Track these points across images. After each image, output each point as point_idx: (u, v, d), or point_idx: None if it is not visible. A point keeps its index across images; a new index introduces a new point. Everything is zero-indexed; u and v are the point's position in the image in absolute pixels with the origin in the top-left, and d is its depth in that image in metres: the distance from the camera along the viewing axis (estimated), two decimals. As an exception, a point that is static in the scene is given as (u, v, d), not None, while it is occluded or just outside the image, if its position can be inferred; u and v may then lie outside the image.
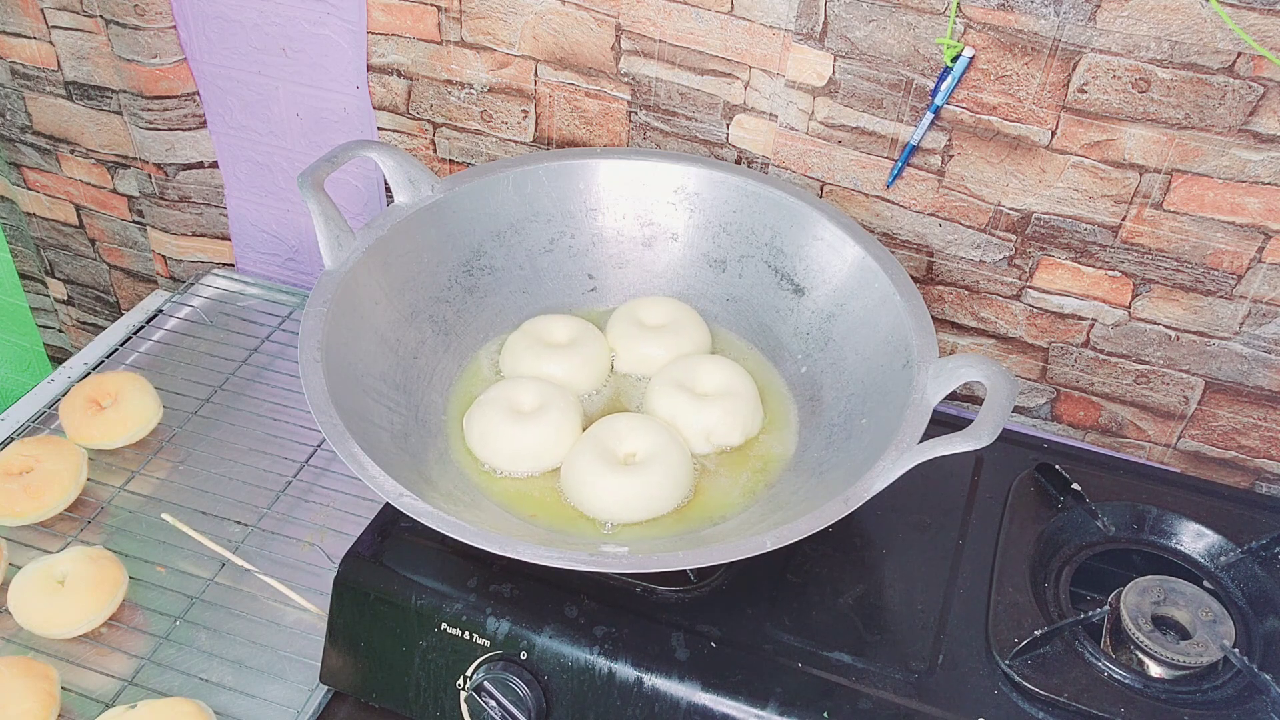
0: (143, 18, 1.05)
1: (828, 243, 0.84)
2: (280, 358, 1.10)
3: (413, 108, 1.04)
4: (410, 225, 0.85)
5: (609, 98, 0.97)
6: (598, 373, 0.86)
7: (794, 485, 0.77)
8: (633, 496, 0.75)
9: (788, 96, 0.90)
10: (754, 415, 0.82)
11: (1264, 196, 0.80)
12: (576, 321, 0.88)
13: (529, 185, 0.90)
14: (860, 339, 0.81)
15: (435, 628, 0.73)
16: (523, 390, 0.81)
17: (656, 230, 0.92)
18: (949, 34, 0.81)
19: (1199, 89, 0.76)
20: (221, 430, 1.02)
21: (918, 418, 0.69)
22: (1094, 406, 0.95)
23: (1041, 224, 0.87)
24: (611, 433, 0.78)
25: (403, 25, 0.99)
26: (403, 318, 0.83)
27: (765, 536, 0.63)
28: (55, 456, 0.92)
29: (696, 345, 0.87)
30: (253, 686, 0.80)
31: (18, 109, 1.22)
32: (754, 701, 0.67)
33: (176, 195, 1.19)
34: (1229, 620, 0.73)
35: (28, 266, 1.43)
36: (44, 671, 0.77)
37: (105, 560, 0.84)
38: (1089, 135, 0.81)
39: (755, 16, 0.87)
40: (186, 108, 1.12)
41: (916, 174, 0.89)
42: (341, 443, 0.68)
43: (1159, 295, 0.88)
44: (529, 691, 0.71)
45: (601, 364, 0.86)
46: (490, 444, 0.79)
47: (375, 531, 0.79)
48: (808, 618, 0.73)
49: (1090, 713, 0.68)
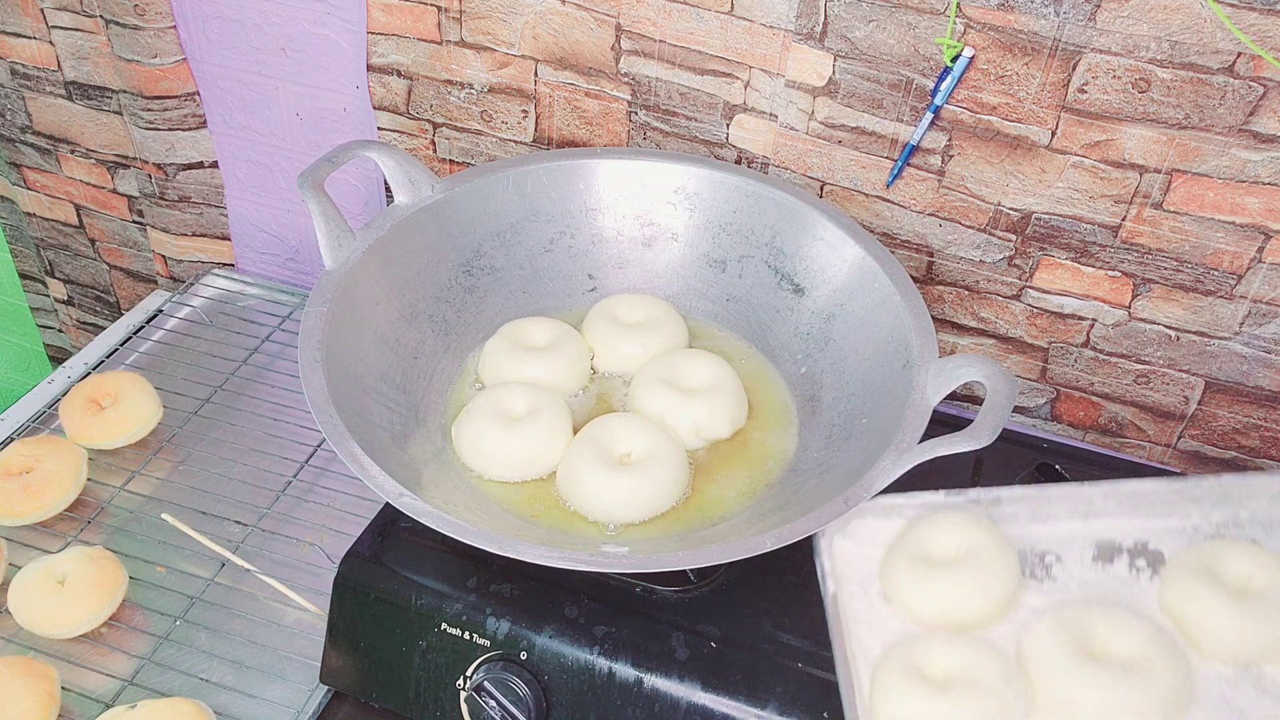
0: (143, 18, 1.05)
1: (828, 243, 0.85)
2: (280, 358, 1.10)
3: (413, 108, 1.05)
4: (410, 225, 0.85)
5: (609, 98, 0.97)
6: (580, 374, 0.86)
7: (794, 485, 0.77)
8: (634, 496, 0.75)
9: (788, 96, 0.90)
10: (740, 406, 0.83)
11: (1264, 196, 0.80)
12: (553, 323, 0.88)
13: (529, 185, 0.90)
14: (860, 339, 0.81)
15: (435, 628, 0.73)
16: (511, 396, 0.80)
17: (656, 230, 0.92)
18: (949, 34, 0.81)
19: (1199, 89, 0.76)
20: (221, 430, 1.02)
21: (918, 418, 0.69)
22: (1094, 406, 0.95)
23: (1041, 224, 0.87)
24: (606, 433, 0.78)
25: (403, 25, 0.99)
26: (403, 318, 0.83)
27: (765, 536, 0.63)
28: (55, 456, 0.92)
29: (675, 341, 0.87)
30: (253, 686, 0.80)
31: (18, 109, 1.22)
32: (754, 701, 0.67)
33: (176, 195, 1.19)
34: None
35: (28, 266, 1.43)
36: (44, 671, 0.77)
37: (105, 560, 0.84)
38: (1089, 135, 0.81)
39: (755, 16, 0.87)
40: (186, 108, 1.12)
41: (916, 174, 0.89)
42: (341, 443, 0.68)
43: (1159, 295, 0.88)
44: (529, 691, 0.71)
45: (583, 365, 0.86)
46: (483, 452, 0.78)
47: (375, 531, 0.79)
48: (808, 618, 0.73)
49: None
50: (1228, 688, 0.61)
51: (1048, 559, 0.68)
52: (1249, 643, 0.61)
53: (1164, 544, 0.68)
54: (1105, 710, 0.59)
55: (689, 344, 0.89)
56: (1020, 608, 0.65)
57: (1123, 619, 0.62)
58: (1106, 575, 0.67)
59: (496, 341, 0.86)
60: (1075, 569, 0.67)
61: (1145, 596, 0.65)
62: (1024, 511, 0.70)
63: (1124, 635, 0.62)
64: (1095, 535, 0.69)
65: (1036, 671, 0.61)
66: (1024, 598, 0.66)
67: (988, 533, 0.66)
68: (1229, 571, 0.64)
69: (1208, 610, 0.62)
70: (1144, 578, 0.67)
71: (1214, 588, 0.63)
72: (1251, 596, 0.62)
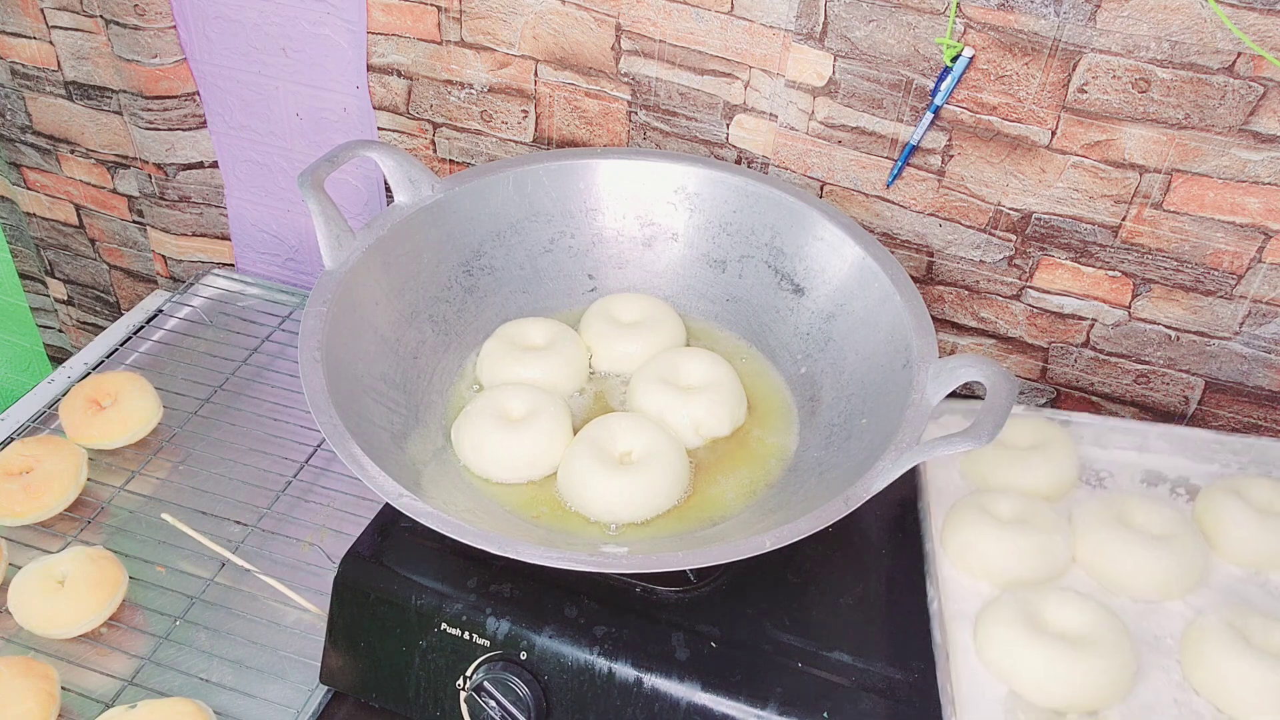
0: (143, 18, 1.05)
1: (828, 243, 0.84)
2: (280, 358, 1.10)
3: (413, 108, 1.05)
4: (410, 225, 0.85)
5: (609, 98, 0.97)
6: (578, 374, 0.86)
7: (794, 485, 0.77)
8: (635, 495, 0.75)
9: (788, 96, 0.90)
10: (739, 404, 0.83)
11: (1264, 196, 0.80)
12: (551, 323, 0.88)
13: (529, 185, 0.90)
14: (860, 339, 0.81)
15: (435, 628, 0.73)
16: (510, 397, 0.80)
17: (656, 230, 0.92)
18: (949, 34, 0.81)
19: (1199, 89, 0.76)
20: (221, 430, 1.02)
21: (918, 418, 0.69)
22: (1094, 406, 0.95)
23: (1041, 224, 0.87)
24: (606, 433, 0.78)
25: (403, 25, 0.99)
26: (403, 318, 0.83)
27: (765, 536, 0.63)
28: (55, 456, 0.92)
29: (673, 339, 0.87)
30: (253, 686, 0.80)
31: (18, 109, 1.22)
32: (754, 701, 0.67)
33: (176, 195, 1.19)
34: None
35: (28, 266, 1.43)
36: (44, 671, 0.77)
37: (105, 560, 0.84)
38: (1089, 135, 0.81)
39: (755, 16, 0.87)
40: (186, 108, 1.12)
41: (916, 174, 0.89)
42: (341, 443, 0.68)
43: (1159, 295, 0.88)
44: (529, 691, 0.71)
45: (581, 365, 0.86)
46: (483, 454, 0.78)
47: (375, 531, 0.79)
48: (808, 618, 0.73)
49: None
50: (1236, 584, 0.73)
51: (1102, 475, 0.81)
52: (1259, 553, 0.73)
53: (1203, 482, 0.80)
54: (1132, 571, 0.71)
55: (687, 342, 0.89)
56: (1073, 497, 0.79)
57: (1158, 506, 0.75)
58: (1150, 494, 0.80)
59: (494, 343, 0.86)
60: (1125, 485, 0.81)
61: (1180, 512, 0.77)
62: (1088, 435, 0.83)
63: (1156, 518, 0.74)
64: (1146, 465, 0.82)
65: (1081, 531, 0.74)
66: (1077, 493, 0.80)
67: (1058, 433, 0.81)
68: (1253, 497, 0.76)
69: (1231, 520, 0.74)
70: (1181, 501, 0.79)
71: (1239, 505, 0.75)
72: (1269, 517, 0.74)
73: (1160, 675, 0.66)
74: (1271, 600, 0.72)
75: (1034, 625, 0.66)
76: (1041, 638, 0.65)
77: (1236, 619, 0.67)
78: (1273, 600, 0.72)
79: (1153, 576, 0.71)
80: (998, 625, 0.67)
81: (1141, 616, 0.70)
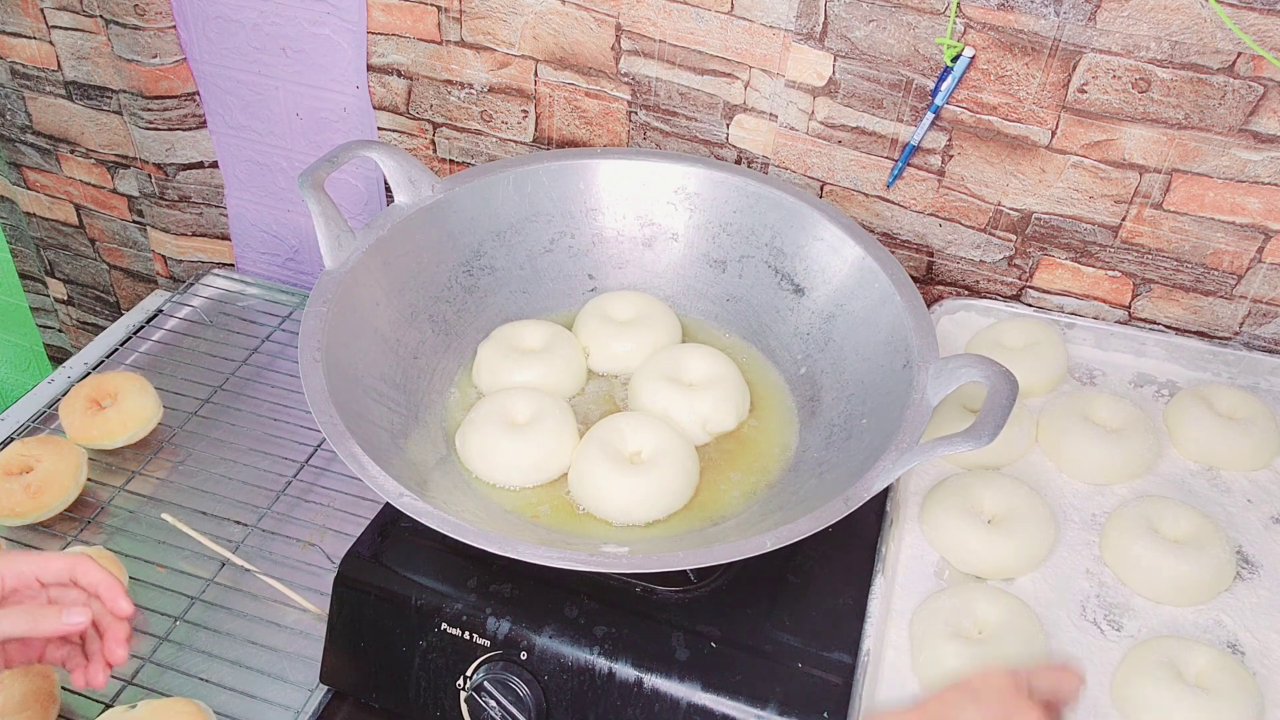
0: (143, 18, 1.05)
1: (828, 243, 0.84)
2: (280, 358, 1.10)
3: (413, 108, 1.05)
4: (410, 225, 0.85)
5: (609, 98, 0.97)
6: (577, 375, 0.85)
7: (794, 485, 0.77)
8: (649, 494, 0.74)
9: (788, 96, 0.90)
10: (743, 397, 0.83)
11: (1264, 196, 0.80)
12: (545, 325, 0.87)
13: (529, 185, 0.90)
14: (860, 339, 0.81)
15: (435, 628, 0.73)
16: (513, 402, 0.80)
17: (656, 230, 0.92)
18: (949, 34, 0.81)
19: (1199, 89, 0.77)
20: (221, 430, 1.02)
21: (918, 418, 0.69)
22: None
23: (1041, 224, 0.87)
24: (615, 433, 0.78)
25: (403, 25, 0.99)
26: (403, 318, 0.83)
27: (765, 536, 0.63)
28: (55, 456, 0.92)
29: (668, 336, 0.87)
30: (253, 686, 0.80)
31: (18, 109, 1.22)
32: (754, 701, 0.67)
33: (176, 195, 1.19)
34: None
35: (28, 266, 1.43)
36: (44, 671, 0.77)
37: (105, 560, 0.84)
38: (1089, 135, 0.81)
39: (755, 16, 0.87)
40: (186, 108, 1.12)
41: (916, 174, 0.89)
42: (341, 443, 0.68)
43: (1159, 295, 0.88)
44: (529, 691, 0.71)
45: (579, 365, 0.86)
46: (490, 460, 0.77)
47: (375, 531, 0.79)
48: (808, 618, 0.73)
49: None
50: (1188, 477, 0.80)
51: (1095, 374, 0.88)
52: (1215, 451, 0.80)
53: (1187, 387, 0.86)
54: (1081, 457, 0.79)
55: (682, 339, 0.89)
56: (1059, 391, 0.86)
57: (1120, 403, 0.82)
58: (1135, 394, 0.86)
59: (490, 347, 0.85)
60: (1113, 384, 0.87)
61: (1155, 413, 0.85)
62: (1090, 338, 0.90)
63: (1117, 413, 0.81)
64: (1139, 368, 0.89)
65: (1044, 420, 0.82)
66: (1064, 388, 0.87)
67: (1049, 333, 0.87)
68: (1217, 401, 0.83)
69: (1192, 420, 0.81)
70: (1161, 403, 0.86)
71: (1203, 408, 0.82)
72: (1229, 422, 0.81)
73: (1084, 550, 0.75)
74: (1216, 493, 0.79)
75: (967, 504, 0.75)
76: (968, 516, 0.74)
77: (1154, 508, 0.74)
78: (1217, 493, 0.79)
79: (1100, 463, 0.79)
80: (935, 503, 0.76)
81: (1087, 497, 0.79)
